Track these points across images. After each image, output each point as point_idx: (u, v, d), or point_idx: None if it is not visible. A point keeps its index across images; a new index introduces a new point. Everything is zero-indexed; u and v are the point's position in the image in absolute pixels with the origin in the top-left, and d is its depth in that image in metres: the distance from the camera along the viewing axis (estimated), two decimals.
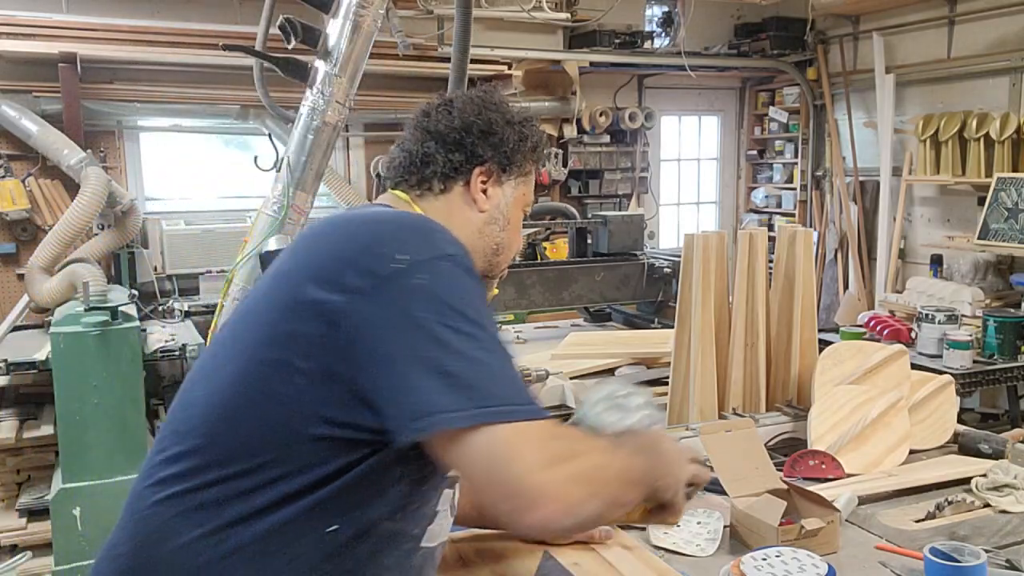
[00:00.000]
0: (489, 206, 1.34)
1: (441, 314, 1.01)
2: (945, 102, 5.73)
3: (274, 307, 1.09)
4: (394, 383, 1.00)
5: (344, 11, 3.04)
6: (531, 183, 1.41)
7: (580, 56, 6.19)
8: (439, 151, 1.32)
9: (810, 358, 2.31)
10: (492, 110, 1.35)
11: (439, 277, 1.04)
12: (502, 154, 1.33)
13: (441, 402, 0.97)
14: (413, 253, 1.05)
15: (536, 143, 1.39)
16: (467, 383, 0.98)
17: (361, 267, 1.04)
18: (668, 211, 7.59)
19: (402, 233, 1.09)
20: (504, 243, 1.37)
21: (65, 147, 4.72)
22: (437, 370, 0.98)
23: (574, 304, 4.28)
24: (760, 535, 1.54)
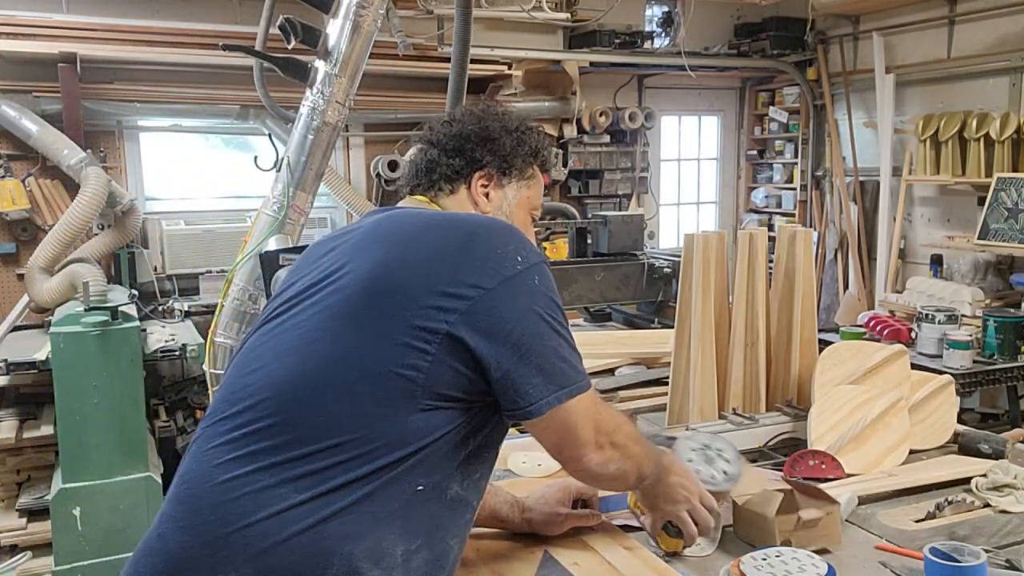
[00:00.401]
0: (491, 208, 1.44)
1: (550, 309, 1.23)
2: (945, 102, 5.74)
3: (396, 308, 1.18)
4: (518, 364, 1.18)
5: (344, 11, 3.04)
6: (536, 186, 1.49)
7: (580, 56, 6.19)
8: (441, 157, 1.44)
9: (810, 358, 2.31)
10: (490, 119, 1.46)
11: (544, 278, 1.25)
12: (500, 158, 1.44)
13: (539, 392, 1.19)
14: (526, 257, 1.23)
15: (535, 147, 1.47)
16: (568, 369, 1.23)
17: (489, 270, 1.20)
18: (668, 211, 7.59)
19: (512, 238, 1.26)
20: None
21: (65, 147, 4.72)
22: (554, 356, 1.22)
23: (574, 304, 4.28)
24: (759, 528, 1.54)
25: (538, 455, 1.99)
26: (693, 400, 2.28)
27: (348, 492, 1.12)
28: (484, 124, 1.46)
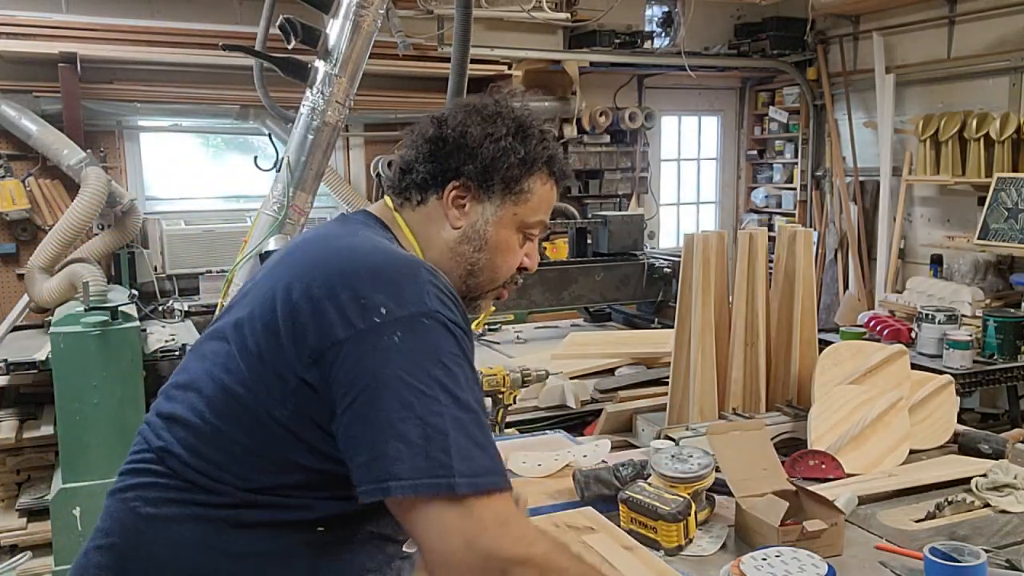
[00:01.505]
0: (464, 223, 1.28)
1: (411, 375, 1.02)
2: (945, 102, 5.73)
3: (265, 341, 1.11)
4: (357, 441, 1.03)
5: (344, 11, 3.04)
6: (532, 203, 1.30)
7: (580, 56, 6.19)
8: (417, 160, 1.30)
9: (810, 358, 2.31)
10: (475, 122, 1.28)
11: (415, 335, 1.05)
12: (478, 169, 1.26)
13: (396, 469, 0.99)
14: (395, 307, 1.06)
15: (529, 157, 1.28)
16: (423, 451, 1.00)
17: (345, 316, 1.05)
18: (668, 211, 7.59)
19: (386, 286, 1.08)
20: (481, 265, 1.29)
21: (65, 147, 4.72)
22: (396, 435, 1.00)
23: (574, 304, 4.28)
24: (762, 535, 1.54)
25: (539, 455, 1.99)
26: (693, 400, 2.28)
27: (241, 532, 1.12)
28: (463, 128, 1.28)
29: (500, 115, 1.29)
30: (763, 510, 1.57)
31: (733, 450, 1.73)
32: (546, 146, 1.31)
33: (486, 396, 2.51)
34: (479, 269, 1.29)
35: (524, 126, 1.30)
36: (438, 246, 1.29)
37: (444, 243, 1.28)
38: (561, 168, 1.35)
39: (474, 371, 1.12)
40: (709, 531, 1.65)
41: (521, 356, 3.56)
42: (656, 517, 1.56)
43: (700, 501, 1.68)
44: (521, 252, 1.33)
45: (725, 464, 1.70)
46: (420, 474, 0.99)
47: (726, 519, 1.69)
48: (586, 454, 1.98)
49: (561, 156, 1.34)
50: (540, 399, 2.94)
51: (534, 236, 1.35)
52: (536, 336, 4.12)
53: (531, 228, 1.32)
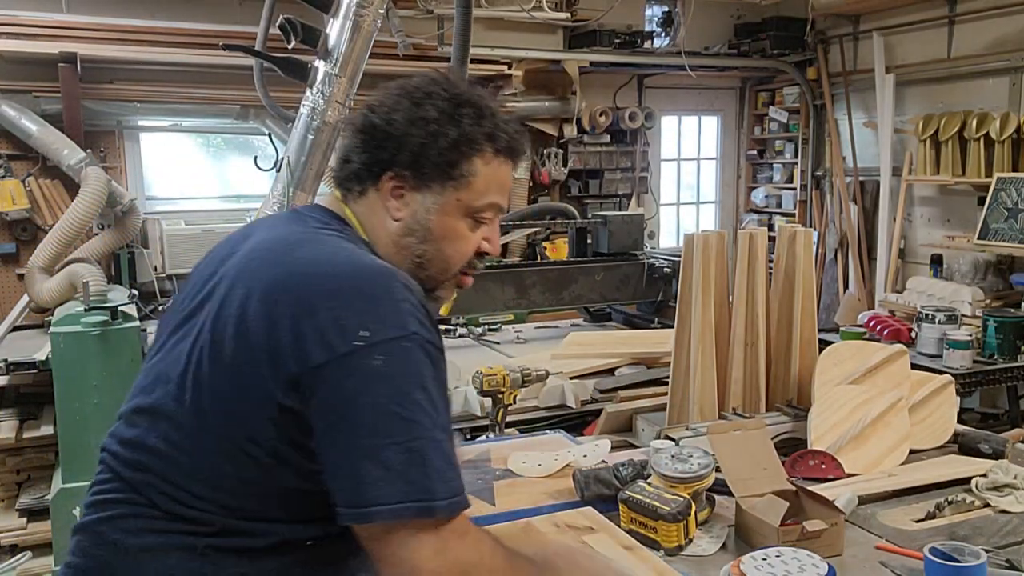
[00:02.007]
0: (404, 214, 1.21)
1: (392, 400, 1.01)
2: (945, 102, 5.73)
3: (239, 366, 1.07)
4: (337, 465, 1.02)
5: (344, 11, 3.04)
6: (477, 186, 1.21)
7: (580, 56, 6.19)
8: (353, 151, 1.23)
9: (810, 358, 2.31)
10: (403, 107, 1.20)
11: (396, 359, 1.03)
12: (408, 157, 1.18)
13: (376, 494, 0.99)
14: (375, 330, 1.02)
15: (459, 139, 1.18)
16: (404, 476, 1.00)
17: (325, 339, 1.02)
18: (668, 211, 7.59)
19: (365, 305, 1.04)
20: (429, 256, 1.23)
21: (65, 147, 4.72)
22: (375, 459, 1.00)
23: (574, 304, 4.28)
24: (762, 535, 1.54)
25: (539, 455, 1.99)
26: (693, 400, 2.28)
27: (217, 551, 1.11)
28: (391, 114, 1.19)
29: (431, 96, 1.20)
30: (763, 510, 1.57)
31: (733, 450, 1.73)
32: (483, 123, 1.20)
33: (486, 396, 2.51)
34: (428, 261, 1.23)
35: (457, 104, 1.20)
36: (384, 240, 1.22)
37: (388, 236, 1.22)
38: (508, 144, 1.23)
39: (447, 386, 1.11)
40: (709, 531, 1.65)
41: (521, 356, 3.56)
42: (656, 517, 1.56)
43: (700, 501, 1.68)
44: (475, 237, 1.25)
45: (725, 464, 1.70)
46: (402, 499, 0.99)
47: (726, 519, 1.69)
48: (586, 454, 1.98)
49: (507, 129, 1.23)
50: (540, 399, 2.94)
51: (487, 219, 1.25)
52: (536, 336, 4.12)
53: (481, 212, 1.24)
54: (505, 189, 1.27)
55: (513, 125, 1.25)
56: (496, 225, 1.29)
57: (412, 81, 1.25)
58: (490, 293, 3.84)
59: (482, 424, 2.71)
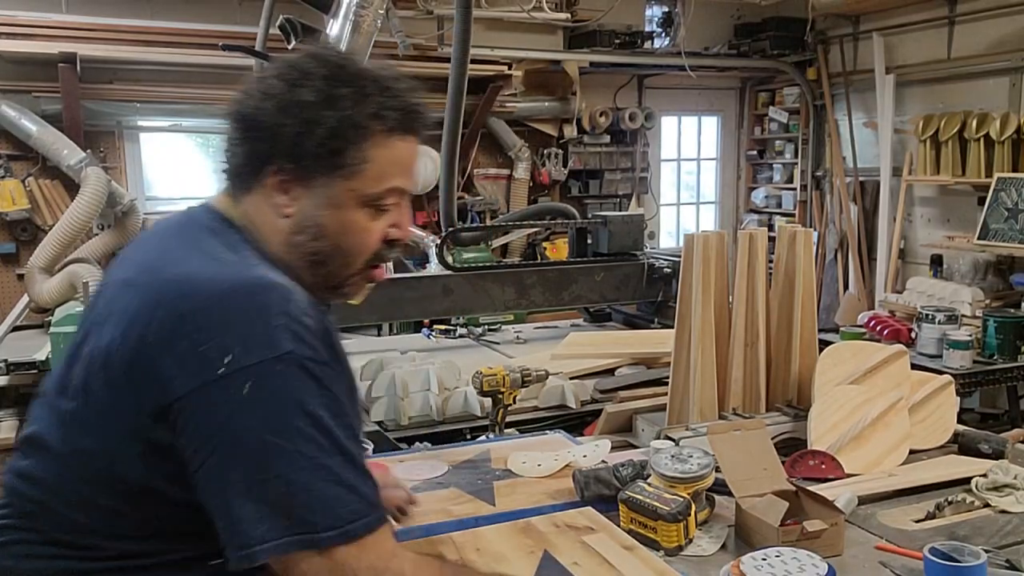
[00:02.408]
0: (293, 210, 1.09)
1: (267, 430, 0.95)
2: (945, 102, 5.73)
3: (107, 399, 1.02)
4: (215, 505, 0.97)
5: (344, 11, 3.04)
6: (372, 172, 1.08)
7: (580, 56, 6.19)
8: (233, 142, 1.11)
9: (810, 358, 2.31)
10: (274, 93, 1.06)
11: (268, 385, 0.95)
12: (285, 150, 1.06)
13: (258, 532, 0.94)
14: (240, 354, 0.94)
15: (340, 125, 1.05)
16: (284, 511, 0.95)
17: (184, 368, 0.95)
18: (668, 211, 7.59)
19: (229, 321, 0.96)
20: (326, 253, 1.11)
21: (65, 147, 4.72)
22: (253, 496, 0.94)
23: (574, 304, 4.28)
24: (762, 535, 1.54)
25: (539, 455, 1.99)
26: (693, 400, 2.28)
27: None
28: (261, 102, 1.06)
29: (307, 76, 1.06)
30: (763, 510, 1.57)
31: (733, 450, 1.73)
32: (367, 103, 1.07)
33: (486, 396, 2.50)
34: (325, 258, 1.12)
35: (335, 83, 1.06)
36: (274, 239, 1.11)
37: (279, 235, 1.11)
38: (400, 119, 1.10)
39: (341, 401, 1.02)
40: (709, 531, 1.65)
41: (521, 356, 3.56)
42: (656, 517, 1.56)
43: (700, 501, 1.68)
44: (379, 226, 1.13)
45: (725, 464, 1.70)
46: (283, 534, 0.94)
47: (726, 519, 1.69)
48: (586, 454, 1.98)
49: (396, 104, 1.09)
50: (540, 399, 2.94)
51: (389, 206, 1.13)
52: (536, 336, 4.12)
53: (380, 199, 1.11)
54: (408, 169, 1.14)
55: (403, 96, 1.11)
56: (404, 209, 1.16)
57: (289, 58, 1.11)
58: (490, 293, 3.84)
59: (482, 424, 2.71)
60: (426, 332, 4.14)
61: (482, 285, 3.81)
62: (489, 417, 2.54)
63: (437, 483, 1.86)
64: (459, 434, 2.74)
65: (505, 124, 6.32)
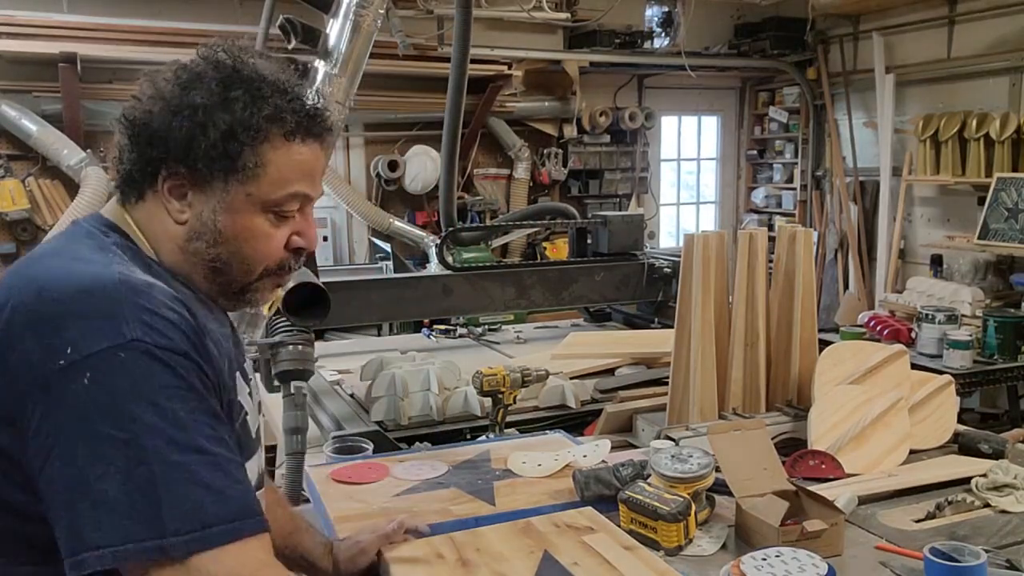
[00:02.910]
0: (188, 216, 1.05)
1: (107, 422, 0.88)
2: (945, 102, 5.74)
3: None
4: (54, 507, 0.89)
5: (344, 11, 3.04)
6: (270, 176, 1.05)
7: (580, 56, 6.19)
8: (124, 149, 1.07)
9: (810, 358, 2.31)
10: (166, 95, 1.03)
11: (109, 374, 0.89)
12: (178, 154, 1.02)
13: (94, 538, 0.86)
14: (83, 344, 0.89)
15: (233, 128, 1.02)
16: (126, 512, 0.86)
17: (30, 364, 0.90)
18: (668, 211, 7.60)
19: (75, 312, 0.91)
20: (225, 259, 1.07)
21: (65, 147, 4.73)
22: (93, 497, 0.87)
23: (574, 304, 4.28)
24: (762, 535, 1.54)
25: (539, 455, 1.99)
26: (693, 400, 2.28)
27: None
28: (151, 105, 1.03)
29: (200, 78, 1.03)
30: (763, 510, 1.57)
31: (733, 450, 1.73)
32: (262, 105, 1.04)
33: (486, 396, 2.50)
34: (224, 265, 1.08)
35: (229, 84, 1.03)
36: (168, 247, 1.07)
37: (173, 242, 1.07)
38: (301, 123, 1.07)
39: (204, 397, 0.96)
40: (709, 531, 1.65)
41: (521, 356, 3.55)
42: (656, 517, 1.56)
43: (700, 501, 1.68)
44: (281, 233, 1.09)
45: (725, 464, 1.70)
46: (123, 539, 0.86)
47: (726, 519, 1.69)
48: (586, 454, 1.98)
49: (297, 107, 1.07)
50: (540, 399, 2.94)
51: (290, 213, 1.09)
52: (536, 336, 4.12)
53: (281, 205, 1.07)
54: (311, 174, 1.10)
55: (303, 99, 1.08)
56: (308, 216, 1.13)
57: (183, 60, 1.07)
58: (490, 293, 3.83)
59: (482, 424, 2.71)
60: (426, 332, 4.14)
61: (482, 285, 3.81)
62: (489, 417, 2.54)
63: (437, 483, 1.85)
64: (459, 434, 2.74)
65: (505, 124, 6.32)
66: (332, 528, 1.62)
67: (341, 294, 3.10)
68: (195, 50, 1.07)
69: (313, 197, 1.12)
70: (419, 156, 6.00)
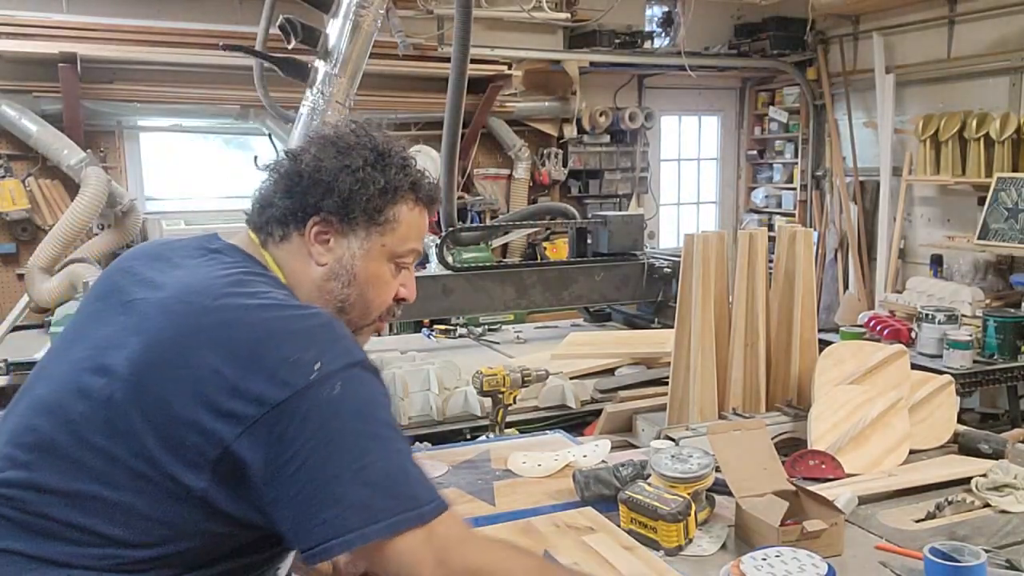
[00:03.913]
0: (329, 259, 1.23)
1: (361, 421, 1.05)
2: (945, 102, 5.74)
3: (167, 402, 1.04)
4: (318, 497, 1.01)
5: (344, 11, 3.04)
6: (400, 231, 1.26)
7: (580, 56, 6.19)
8: (276, 195, 1.24)
9: (810, 358, 2.31)
10: (330, 155, 1.23)
11: (353, 384, 1.05)
12: (337, 203, 1.21)
13: (369, 514, 1.01)
14: (326, 361, 1.04)
15: (387, 186, 1.23)
16: (390, 491, 1.03)
17: (278, 378, 1.02)
18: (668, 211, 7.59)
19: (309, 336, 1.07)
20: (352, 300, 1.25)
21: (65, 147, 4.72)
22: (362, 482, 1.02)
23: (574, 304, 4.28)
24: (762, 535, 1.54)
25: (539, 455, 1.99)
26: (693, 400, 2.28)
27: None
28: (320, 160, 1.22)
29: (358, 145, 1.25)
30: (763, 510, 1.57)
31: (733, 450, 1.73)
32: (408, 173, 1.27)
33: (486, 396, 2.51)
34: (350, 305, 1.25)
35: (383, 154, 1.25)
36: (306, 284, 1.23)
37: (311, 281, 1.23)
38: (428, 193, 1.31)
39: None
40: (709, 531, 1.65)
41: (521, 356, 3.56)
42: (656, 517, 1.56)
43: (700, 501, 1.68)
44: (395, 283, 1.29)
45: (725, 464, 1.70)
46: (393, 513, 1.02)
47: (726, 519, 1.69)
48: (586, 454, 1.99)
49: (426, 181, 1.31)
50: (540, 399, 2.94)
51: (407, 264, 1.30)
52: (536, 336, 4.12)
53: (403, 257, 1.28)
54: (423, 236, 1.33)
55: (430, 177, 1.32)
56: (412, 272, 1.33)
57: (334, 130, 1.30)
58: (490, 293, 3.84)
59: (482, 424, 2.71)
60: (426, 332, 4.14)
61: (482, 285, 3.81)
62: (489, 417, 2.54)
63: (437, 483, 1.84)
64: (459, 434, 2.74)
65: (505, 124, 6.32)
66: None
67: None
68: (335, 123, 1.29)
69: (420, 254, 1.34)
70: (419, 156, 5.90)
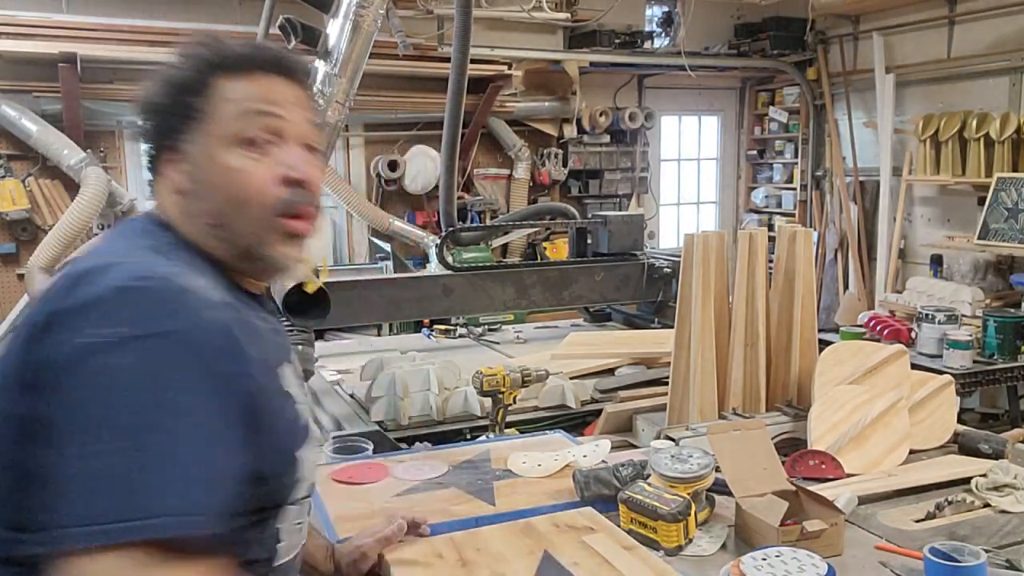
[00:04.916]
0: (181, 181, 1.08)
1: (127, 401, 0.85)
2: (945, 102, 5.74)
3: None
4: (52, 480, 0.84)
5: (344, 11, 3.04)
6: (227, 110, 1.06)
7: (580, 56, 6.19)
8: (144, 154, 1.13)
9: (810, 358, 2.31)
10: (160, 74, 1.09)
11: (143, 359, 0.87)
12: (152, 129, 1.09)
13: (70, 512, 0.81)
14: (115, 331, 0.87)
15: (182, 82, 1.07)
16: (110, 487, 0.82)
17: (59, 347, 0.87)
18: (668, 211, 7.60)
19: (113, 304, 0.90)
20: (216, 210, 1.06)
21: (65, 147, 4.73)
22: (87, 468, 0.83)
23: (574, 304, 4.28)
24: (762, 535, 1.54)
25: (539, 455, 1.99)
26: (693, 400, 2.28)
27: None
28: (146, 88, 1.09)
29: (171, 67, 1.10)
30: (763, 510, 1.57)
31: (733, 450, 1.73)
32: (203, 53, 1.09)
33: (486, 396, 2.50)
34: (220, 217, 1.06)
35: (184, 56, 1.09)
36: (181, 220, 1.08)
37: (182, 214, 1.08)
38: (247, 57, 1.09)
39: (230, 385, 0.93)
40: (709, 531, 1.65)
41: (521, 356, 3.56)
42: (656, 517, 1.56)
43: (700, 501, 1.68)
44: (263, 166, 1.07)
45: (725, 464, 1.70)
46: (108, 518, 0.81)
47: (726, 519, 1.69)
48: (586, 454, 1.98)
49: (236, 46, 1.10)
50: (540, 399, 2.94)
51: (265, 139, 1.07)
52: (536, 336, 4.12)
53: (245, 131, 1.06)
54: (273, 101, 1.09)
55: (239, 45, 1.11)
56: (291, 146, 1.09)
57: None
58: (490, 293, 3.84)
59: (482, 424, 2.71)
60: (426, 332, 4.14)
61: (482, 285, 3.81)
62: (489, 417, 2.54)
63: (437, 483, 1.86)
64: (459, 434, 2.74)
65: (505, 124, 6.32)
66: (332, 529, 1.62)
67: (341, 294, 3.10)
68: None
69: (283, 123, 1.10)
70: (419, 156, 6.00)
